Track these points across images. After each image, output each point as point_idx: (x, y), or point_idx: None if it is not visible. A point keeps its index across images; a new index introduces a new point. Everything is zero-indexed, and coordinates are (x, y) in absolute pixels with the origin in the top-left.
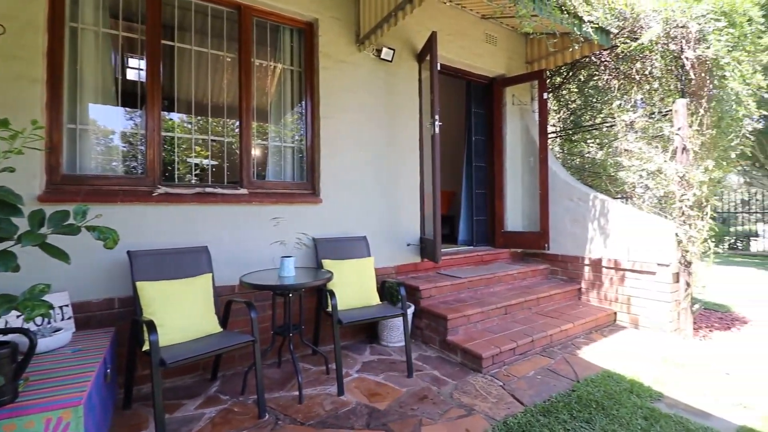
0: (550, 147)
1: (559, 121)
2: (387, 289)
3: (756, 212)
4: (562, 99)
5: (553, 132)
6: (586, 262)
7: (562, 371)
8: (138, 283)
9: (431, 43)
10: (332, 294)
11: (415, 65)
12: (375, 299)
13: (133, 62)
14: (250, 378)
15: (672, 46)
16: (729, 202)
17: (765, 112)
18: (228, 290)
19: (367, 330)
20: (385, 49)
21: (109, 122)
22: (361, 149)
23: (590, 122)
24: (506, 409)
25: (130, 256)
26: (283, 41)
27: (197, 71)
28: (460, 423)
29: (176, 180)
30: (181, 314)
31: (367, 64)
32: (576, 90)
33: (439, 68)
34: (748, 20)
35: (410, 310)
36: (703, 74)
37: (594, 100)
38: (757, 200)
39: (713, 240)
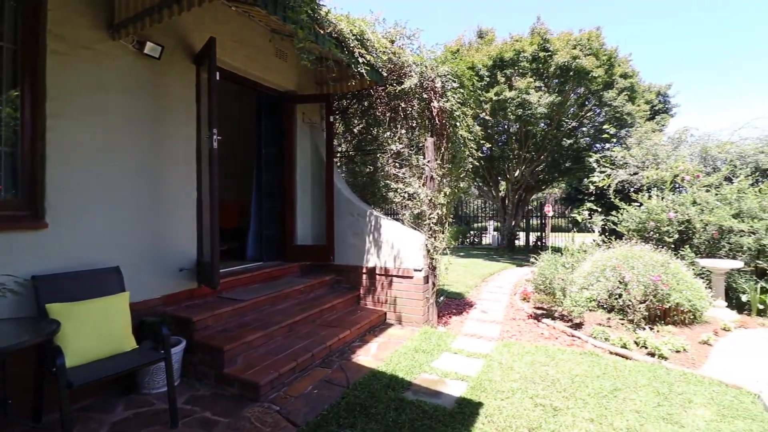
0: (338, 165)
1: (345, 142)
2: (147, 328)
3: (487, 215)
4: (349, 122)
5: (339, 152)
6: (364, 270)
7: (337, 380)
8: None
9: (209, 49)
10: (58, 351)
11: (193, 68)
12: (129, 344)
13: None
14: None
15: (425, 95)
16: (472, 207)
17: (481, 154)
18: None
19: (123, 379)
20: (150, 44)
21: None
22: (116, 159)
23: (369, 147)
24: None
25: None
26: None
27: None
28: None
29: None
30: None
31: (126, 57)
32: (360, 116)
33: (223, 76)
34: (472, 84)
35: (181, 346)
36: (444, 120)
37: (373, 128)
38: (488, 205)
39: (459, 237)
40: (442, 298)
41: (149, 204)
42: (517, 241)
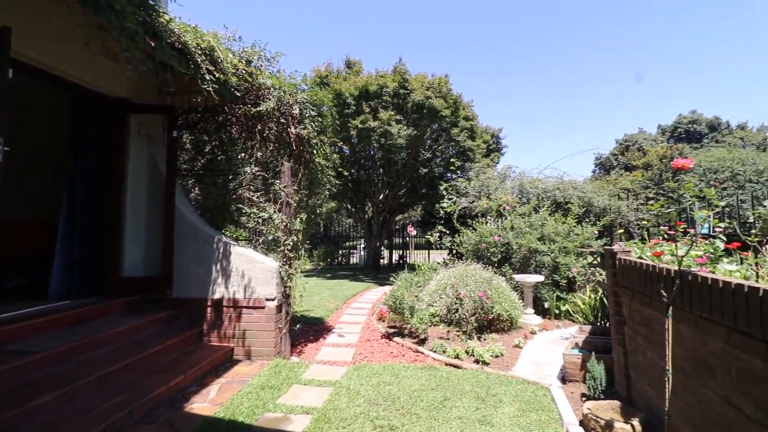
0: (184, 185)
1: (193, 160)
2: None
3: (359, 234)
4: (199, 139)
5: (185, 171)
6: (209, 303)
7: None
8: None
9: (1, 41)
10: None
11: None
12: None
13: None
14: None
15: (282, 120)
16: (344, 226)
17: (348, 177)
18: None
19: None
20: None
21: None
22: None
23: (221, 167)
24: None
25: None
26: None
27: None
28: None
29: None
30: None
31: None
32: (213, 133)
33: (26, 73)
34: (331, 114)
35: None
36: (301, 147)
37: (227, 147)
38: (360, 225)
39: (328, 258)
40: (298, 325)
41: None
42: (382, 260)
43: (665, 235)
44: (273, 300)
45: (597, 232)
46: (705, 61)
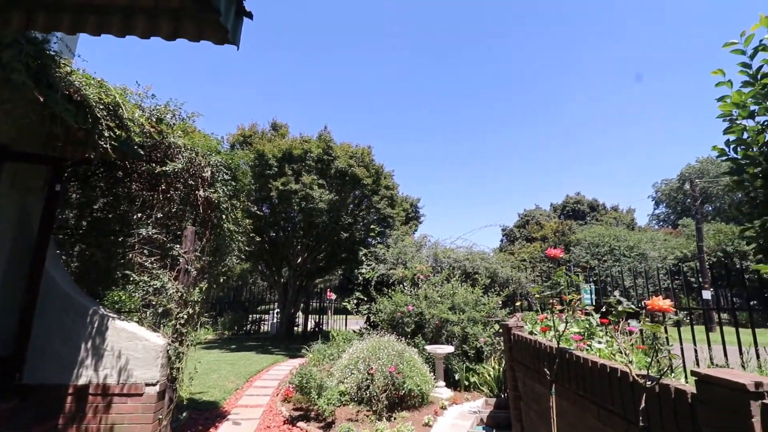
0: (61, 246)
1: (77, 217)
2: None
3: (273, 299)
4: (89, 194)
5: (68, 229)
6: (71, 390)
7: None
8: None
9: None
10: None
11: None
12: None
13: None
14: None
15: (191, 181)
16: (258, 288)
17: (248, 248)
18: None
19: None
20: None
21: None
22: None
23: (112, 227)
24: None
25: None
26: None
27: None
28: None
29: None
30: None
31: None
32: (107, 188)
33: None
34: (248, 177)
35: None
36: (209, 211)
37: (123, 204)
38: (273, 289)
39: (234, 327)
40: (185, 413)
41: None
42: (296, 328)
43: (552, 310)
44: (155, 385)
45: (501, 302)
46: (586, 149)
